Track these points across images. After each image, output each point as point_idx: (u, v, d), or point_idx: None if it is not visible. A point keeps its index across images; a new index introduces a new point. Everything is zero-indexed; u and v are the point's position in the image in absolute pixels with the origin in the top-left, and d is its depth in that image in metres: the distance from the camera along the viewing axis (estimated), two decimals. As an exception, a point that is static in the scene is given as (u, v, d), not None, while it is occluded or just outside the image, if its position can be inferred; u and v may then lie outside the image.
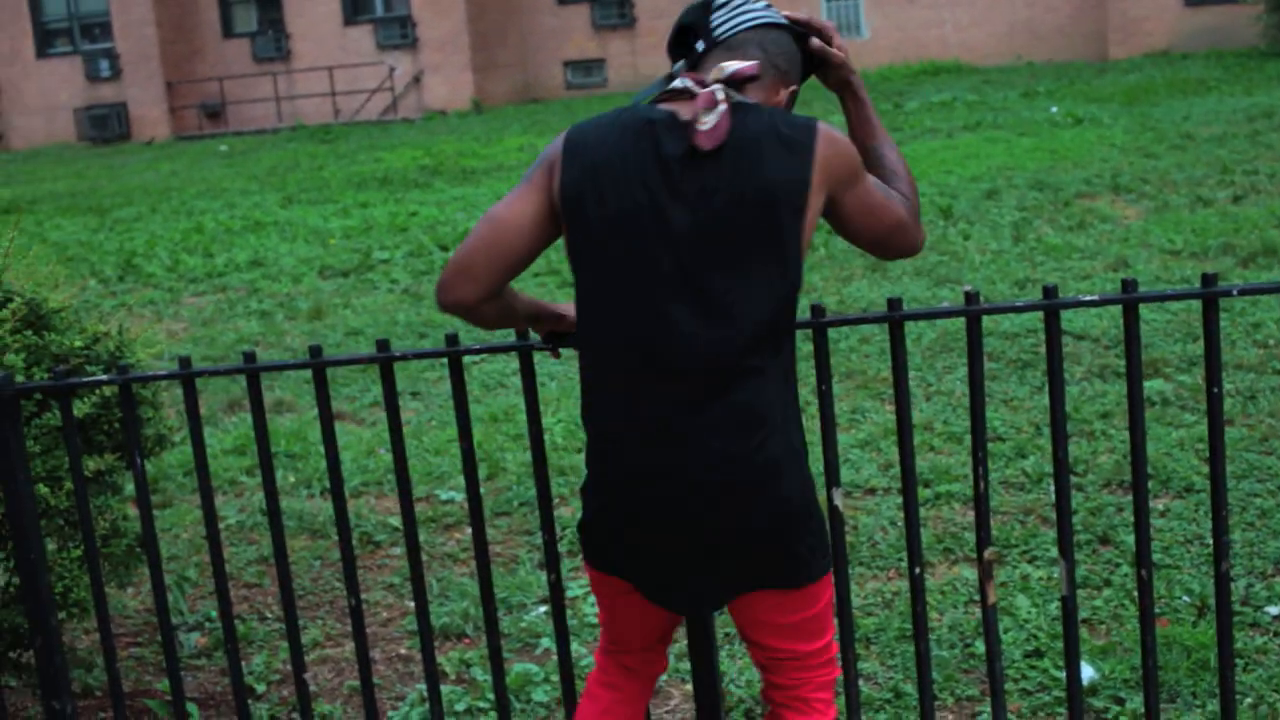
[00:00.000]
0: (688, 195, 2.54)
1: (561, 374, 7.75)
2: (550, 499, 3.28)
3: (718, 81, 2.60)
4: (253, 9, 32.10)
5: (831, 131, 2.58)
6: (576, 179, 2.59)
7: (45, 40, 33.26)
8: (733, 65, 2.61)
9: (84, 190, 20.22)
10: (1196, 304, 7.31)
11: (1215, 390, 3.04)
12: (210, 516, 3.47)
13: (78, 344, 4.11)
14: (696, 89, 2.59)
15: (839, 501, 3.14)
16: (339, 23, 31.22)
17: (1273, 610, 4.34)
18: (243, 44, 32.07)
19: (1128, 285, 3.04)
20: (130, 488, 4.44)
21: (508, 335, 6.91)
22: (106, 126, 31.77)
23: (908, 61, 27.26)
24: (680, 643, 4.32)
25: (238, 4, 32.19)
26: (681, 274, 2.54)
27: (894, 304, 3.08)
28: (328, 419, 3.36)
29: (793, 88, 2.73)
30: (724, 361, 2.53)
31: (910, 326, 7.92)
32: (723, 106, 2.54)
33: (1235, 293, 3.07)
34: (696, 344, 2.53)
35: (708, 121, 2.53)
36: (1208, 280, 3.02)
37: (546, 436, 6.56)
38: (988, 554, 3.12)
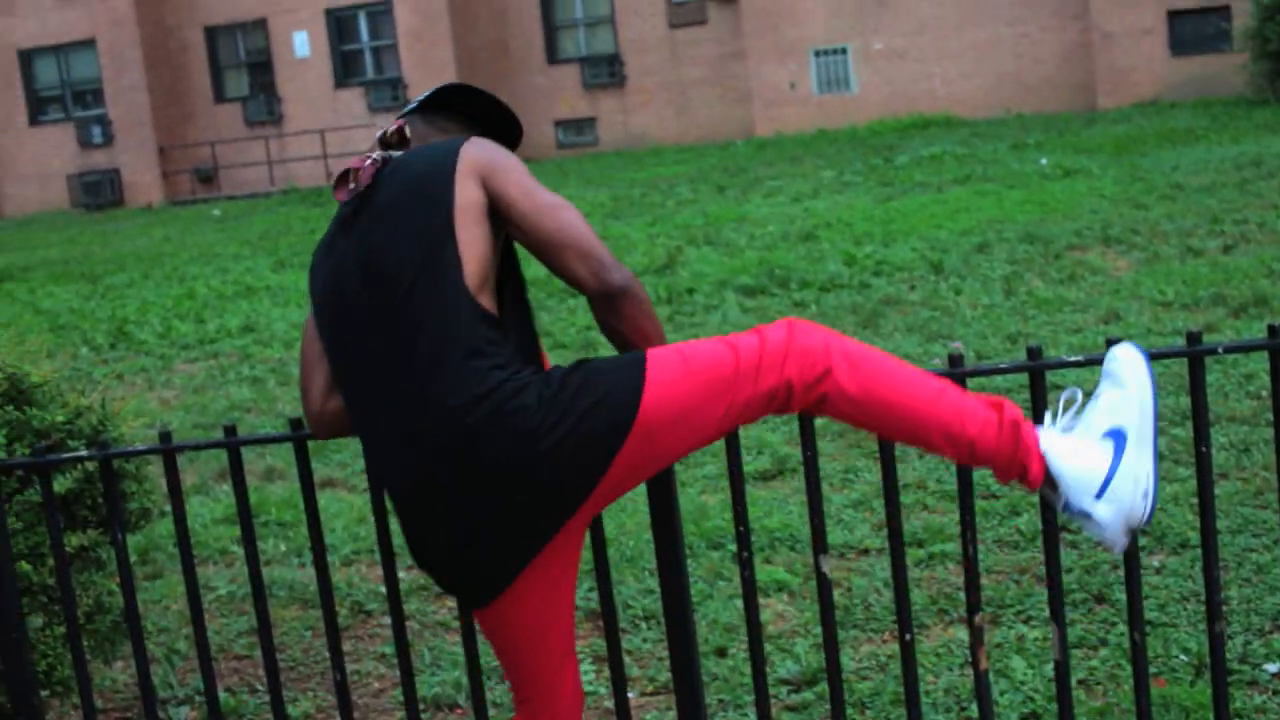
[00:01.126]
0: (356, 242, 2.83)
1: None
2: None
3: (377, 145, 2.97)
4: (244, 74, 32.26)
5: (479, 139, 2.83)
6: (311, 275, 2.96)
7: (38, 107, 33.41)
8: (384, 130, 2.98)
9: (76, 257, 20.24)
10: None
11: (1204, 449, 3.01)
12: (193, 593, 3.44)
13: (60, 418, 4.09)
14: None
15: (826, 568, 3.11)
16: (330, 86, 31.39)
17: (1271, 668, 4.29)
18: (234, 108, 32.22)
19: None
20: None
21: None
22: (100, 193, 31.85)
23: (897, 115, 27.37)
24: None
25: (229, 69, 32.36)
26: (367, 313, 2.79)
27: (878, 368, 3.06)
28: (310, 493, 3.33)
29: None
30: (417, 367, 2.71)
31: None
32: (367, 163, 2.88)
33: (1221, 350, 3.05)
34: (395, 363, 2.74)
35: (358, 181, 2.87)
36: (1193, 339, 3.00)
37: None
38: (978, 619, 3.08)
